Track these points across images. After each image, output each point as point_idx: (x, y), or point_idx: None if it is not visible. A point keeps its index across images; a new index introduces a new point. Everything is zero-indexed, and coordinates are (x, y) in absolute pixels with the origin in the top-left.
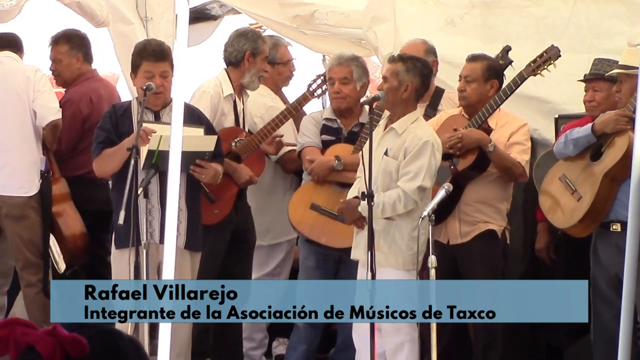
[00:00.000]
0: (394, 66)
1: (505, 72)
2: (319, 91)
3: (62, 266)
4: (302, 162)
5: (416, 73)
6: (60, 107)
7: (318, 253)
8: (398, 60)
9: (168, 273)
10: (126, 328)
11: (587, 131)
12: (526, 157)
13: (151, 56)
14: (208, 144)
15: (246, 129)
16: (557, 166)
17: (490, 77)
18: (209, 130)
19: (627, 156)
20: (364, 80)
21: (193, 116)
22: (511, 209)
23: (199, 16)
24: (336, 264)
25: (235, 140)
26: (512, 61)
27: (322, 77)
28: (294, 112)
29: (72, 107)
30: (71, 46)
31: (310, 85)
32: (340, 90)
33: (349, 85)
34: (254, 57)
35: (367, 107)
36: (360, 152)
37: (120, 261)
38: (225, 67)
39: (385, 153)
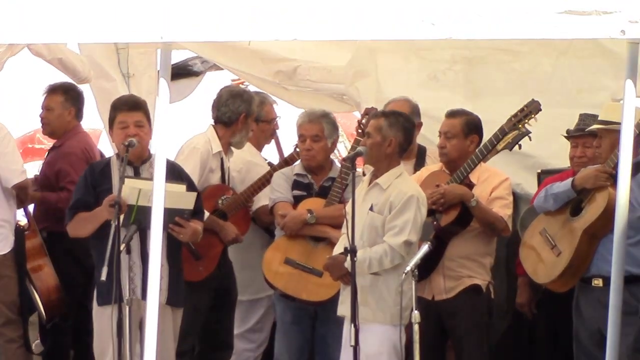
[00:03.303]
0: (377, 122)
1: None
2: None
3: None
4: (275, 217)
5: (399, 128)
6: (58, 159)
7: (294, 308)
8: (381, 115)
9: (151, 329)
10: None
11: (567, 186)
12: (508, 211)
13: (124, 106)
14: (188, 201)
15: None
16: (538, 220)
17: (470, 132)
18: (190, 186)
19: (607, 212)
20: (335, 137)
21: (174, 172)
22: (494, 263)
23: (181, 72)
24: (312, 320)
25: (222, 198)
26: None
27: None
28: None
29: (74, 158)
30: (66, 98)
31: (296, 146)
32: (312, 147)
33: (320, 143)
34: (246, 119)
35: (337, 162)
36: (344, 209)
37: (102, 317)
38: (214, 124)
39: (371, 208)
